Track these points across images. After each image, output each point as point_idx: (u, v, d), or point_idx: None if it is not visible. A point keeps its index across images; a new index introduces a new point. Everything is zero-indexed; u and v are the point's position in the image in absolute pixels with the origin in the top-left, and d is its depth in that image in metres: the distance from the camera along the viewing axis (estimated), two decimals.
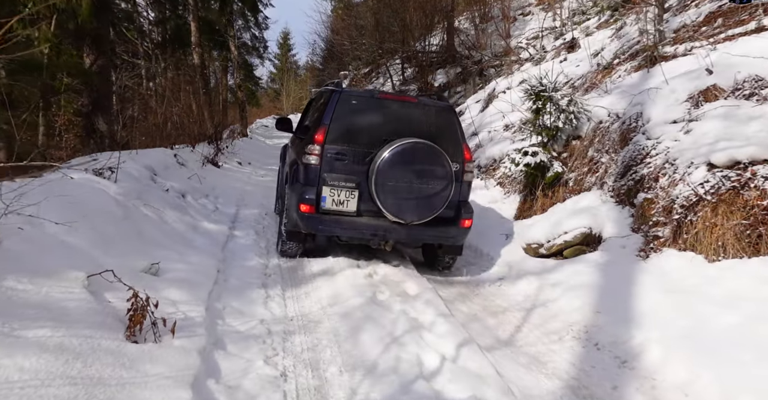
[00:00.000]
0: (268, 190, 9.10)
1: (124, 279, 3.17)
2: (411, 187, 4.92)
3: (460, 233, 5.30)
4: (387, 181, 4.85)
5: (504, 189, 7.89)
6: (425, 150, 4.94)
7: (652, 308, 3.88)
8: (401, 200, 4.91)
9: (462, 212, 5.28)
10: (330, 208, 4.97)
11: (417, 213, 4.98)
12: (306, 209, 4.91)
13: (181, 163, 8.19)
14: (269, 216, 7.31)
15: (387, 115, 5.16)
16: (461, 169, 5.27)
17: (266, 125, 28.49)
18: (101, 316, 2.78)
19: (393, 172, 4.85)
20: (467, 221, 5.29)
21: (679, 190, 4.71)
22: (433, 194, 4.99)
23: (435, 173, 4.97)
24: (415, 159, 4.92)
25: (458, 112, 14.25)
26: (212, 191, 7.83)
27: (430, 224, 5.09)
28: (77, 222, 3.51)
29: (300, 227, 5.10)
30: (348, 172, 4.99)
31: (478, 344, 3.66)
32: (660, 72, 6.58)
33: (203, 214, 6.44)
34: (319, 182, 4.96)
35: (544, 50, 13.81)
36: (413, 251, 6.40)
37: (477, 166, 9.12)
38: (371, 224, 5.02)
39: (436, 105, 5.53)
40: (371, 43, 21.51)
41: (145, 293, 2.95)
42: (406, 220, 4.97)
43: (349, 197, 4.98)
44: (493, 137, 9.61)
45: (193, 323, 3.25)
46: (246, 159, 13.18)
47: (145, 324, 2.89)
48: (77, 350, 2.39)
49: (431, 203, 5.00)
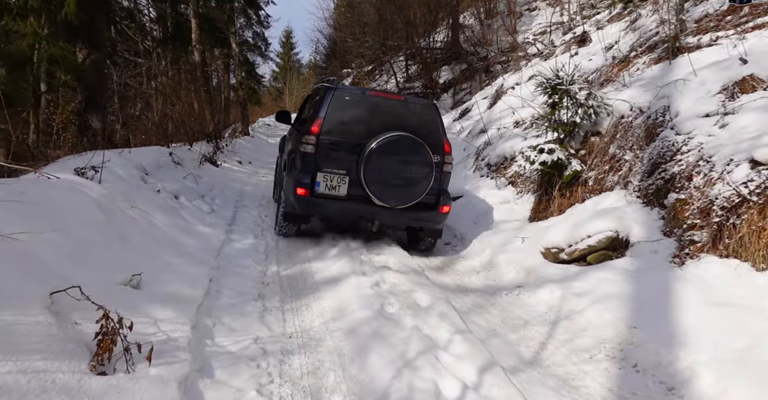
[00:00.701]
0: (269, 190, 8.65)
1: (98, 294, 2.71)
2: (395, 176, 5.42)
3: (440, 217, 5.79)
4: (374, 169, 5.35)
5: (516, 189, 7.41)
6: (409, 143, 5.41)
7: (696, 323, 3.40)
8: (386, 186, 5.40)
9: (441, 199, 5.75)
10: (323, 192, 5.44)
11: (400, 198, 5.49)
12: (302, 192, 5.37)
13: (177, 162, 7.73)
14: (269, 218, 6.85)
15: (376, 111, 5.62)
16: (441, 161, 5.69)
17: (269, 124, 28.00)
18: (62, 343, 2.33)
19: (380, 161, 5.34)
20: (446, 207, 5.77)
21: (717, 189, 4.23)
22: (415, 182, 5.48)
23: (417, 163, 5.45)
24: (400, 150, 5.40)
25: (465, 109, 13.80)
26: (209, 192, 7.36)
27: (413, 209, 5.58)
28: (45, 229, 3.05)
29: (296, 208, 5.53)
30: (340, 161, 5.46)
31: (502, 366, 3.19)
32: (683, 64, 6.11)
33: (197, 216, 5.98)
34: (314, 169, 5.42)
35: (553, 45, 13.31)
36: (420, 256, 5.95)
37: (486, 165, 8.64)
38: (359, 207, 5.50)
39: (420, 103, 6.10)
40: (374, 40, 21.02)
41: (116, 313, 2.49)
42: (390, 204, 5.47)
43: (340, 183, 5.46)
44: (502, 134, 9.13)
45: (176, 346, 2.80)
46: (247, 158, 12.71)
47: (116, 350, 2.43)
48: (22, 389, 1.93)
49: (413, 190, 5.49)
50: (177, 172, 7.26)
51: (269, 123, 28.25)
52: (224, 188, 8.00)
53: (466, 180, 8.61)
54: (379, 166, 5.33)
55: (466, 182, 8.48)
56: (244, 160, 12.22)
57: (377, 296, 4.11)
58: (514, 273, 5.16)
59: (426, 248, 6.16)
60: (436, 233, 6.00)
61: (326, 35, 32.34)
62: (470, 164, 9.19)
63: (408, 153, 5.41)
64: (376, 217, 5.56)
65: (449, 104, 16.34)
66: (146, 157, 6.72)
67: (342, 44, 25.32)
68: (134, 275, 3.36)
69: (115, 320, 2.47)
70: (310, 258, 5.32)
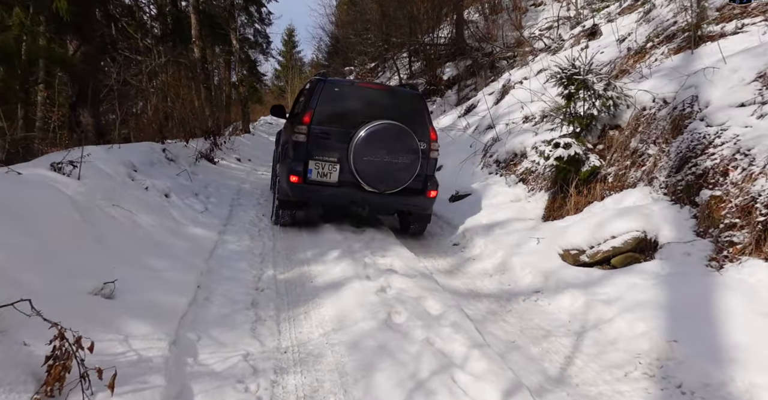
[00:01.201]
0: (267, 188, 8.22)
1: (60, 306, 2.31)
2: (383, 162, 5.55)
3: (427, 202, 5.90)
4: (363, 156, 5.50)
5: (528, 186, 6.96)
6: (396, 130, 5.56)
7: (747, 336, 2.96)
8: (375, 172, 5.54)
9: (428, 184, 5.86)
10: (315, 179, 5.58)
11: (388, 184, 5.62)
12: (295, 179, 5.51)
13: (171, 158, 7.30)
14: (267, 217, 6.42)
15: (364, 101, 5.80)
16: (428, 148, 5.81)
17: (270, 122, 27.57)
18: (3, 370, 1.90)
19: (368, 148, 5.49)
20: (433, 192, 5.86)
21: (760, 185, 3.78)
22: (403, 168, 5.61)
23: (404, 150, 5.58)
24: (387, 138, 5.54)
25: (471, 105, 13.35)
26: (204, 190, 6.93)
27: (401, 194, 5.72)
28: (4, 229, 2.62)
29: (290, 195, 5.67)
30: (331, 149, 5.59)
31: (528, 386, 2.76)
32: (708, 52, 5.67)
33: (189, 216, 5.55)
34: (306, 157, 5.56)
35: (561, 39, 12.86)
36: (427, 258, 5.52)
37: (495, 162, 8.20)
38: (350, 192, 5.63)
39: (407, 93, 6.26)
40: (377, 36, 20.56)
41: (73, 332, 2.06)
42: (379, 189, 5.62)
43: (331, 170, 5.60)
44: (511, 130, 8.69)
45: (148, 368, 2.36)
46: (246, 156, 12.28)
47: (70, 378, 2.01)
48: None
49: (401, 176, 5.63)
50: (170, 169, 6.83)
51: (271, 121, 27.84)
52: (220, 186, 7.57)
53: (474, 177, 8.17)
54: (368, 153, 5.48)
55: (473, 180, 8.04)
56: (243, 158, 11.78)
57: (383, 304, 3.67)
58: (530, 277, 4.72)
59: (415, 233, 6.36)
60: (425, 217, 6.16)
61: (328, 32, 31.86)
62: (478, 161, 8.75)
63: (395, 140, 5.56)
64: (367, 202, 5.68)
65: (454, 101, 15.90)
66: (136, 153, 6.30)
67: (344, 41, 24.86)
68: (107, 282, 2.93)
69: (71, 340, 2.04)
70: (309, 260, 4.89)
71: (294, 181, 5.49)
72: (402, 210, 6.21)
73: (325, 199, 5.82)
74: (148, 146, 7.06)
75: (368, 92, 6.07)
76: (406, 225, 6.40)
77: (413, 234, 6.34)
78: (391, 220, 6.90)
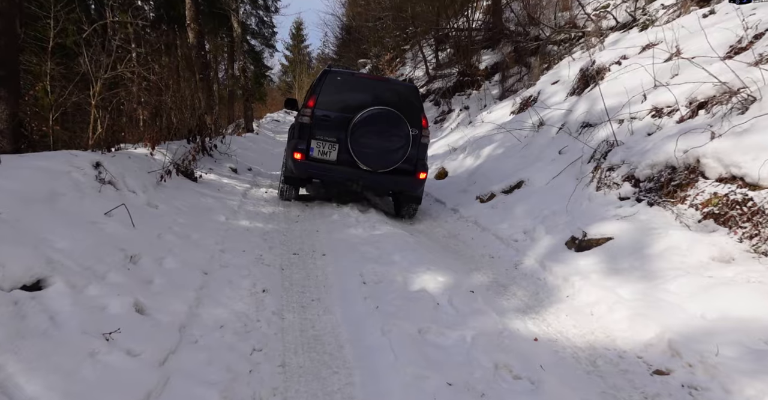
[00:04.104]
0: (278, 237, 4.89)
1: None
2: (378, 143, 5.93)
3: (417, 183, 6.20)
4: (360, 138, 5.89)
5: (740, 233, 3.73)
6: (389, 115, 5.93)
7: None
8: (370, 152, 5.93)
9: (418, 166, 6.19)
10: (316, 156, 5.96)
11: (381, 163, 6.00)
12: (299, 156, 5.88)
13: (109, 181, 4.12)
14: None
15: (363, 90, 6.25)
16: (419, 134, 6.17)
17: (277, 120, 24.26)
18: None
19: (364, 131, 5.89)
20: (422, 174, 6.20)
21: None
22: (395, 149, 5.97)
23: (396, 133, 5.95)
24: (381, 122, 5.92)
25: (528, 98, 10.10)
26: (148, 251, 3.64)
27: (393, 174, 6.08)
28: None
29: (293, 171, 6.04)
30: (331, 130, 5.98)
31: None
32: None
33: (78, 357, 2.30)
34: (309, 136, 5.94)
35: (643, 12, 9.60)
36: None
37: (627, 179, 4.98)
38: (347, 170, 6.00)
39: (403, 85, 7.10)
40: (396, 23, 17.24)
41: None
42: (373, 168, 6.00)
43: (331, 149, 5.97)
44: (635, 129, 5.50)
45: None
46: (246, 163, 8.99)
47: None
48: None
49: (393, 157, 5.99)
50: (95, 204, 3.62)
51: (278, 119, 24.54)
52: (189, 232, 4.24)
53: (593, 205, 4.96)
54: (364, 135, 5.86)
55: (595, 210, 4.83)
56: (240, 167, 8.45)
57: None
58: None
59: (408, 216, 6.48)
60: (416, 199, 6.35)
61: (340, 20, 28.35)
62: (586, 176, 5.55)
63: (388, 124, 5.89)
64: (361, 179, 6.02)
65: (496, 94, 12.65)
66: (21, 178, 3.09)
67: (358, 31, 21.52)
68: None
69: None
70: None
71: (297, 158, 5.80)
72: (393, 189, 6.43)
73: (325, 175, 6.09)
74: (63, 160, 3.85)
75: (367, 82, 6.57)
76: (399, 208, 6.58)
77: (405, 217, 6.48)
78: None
